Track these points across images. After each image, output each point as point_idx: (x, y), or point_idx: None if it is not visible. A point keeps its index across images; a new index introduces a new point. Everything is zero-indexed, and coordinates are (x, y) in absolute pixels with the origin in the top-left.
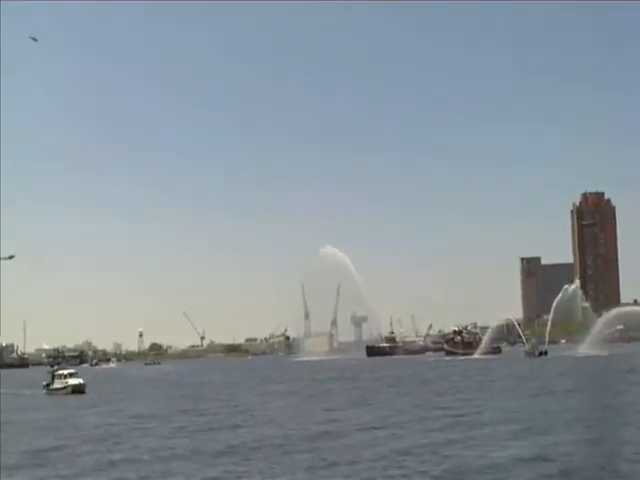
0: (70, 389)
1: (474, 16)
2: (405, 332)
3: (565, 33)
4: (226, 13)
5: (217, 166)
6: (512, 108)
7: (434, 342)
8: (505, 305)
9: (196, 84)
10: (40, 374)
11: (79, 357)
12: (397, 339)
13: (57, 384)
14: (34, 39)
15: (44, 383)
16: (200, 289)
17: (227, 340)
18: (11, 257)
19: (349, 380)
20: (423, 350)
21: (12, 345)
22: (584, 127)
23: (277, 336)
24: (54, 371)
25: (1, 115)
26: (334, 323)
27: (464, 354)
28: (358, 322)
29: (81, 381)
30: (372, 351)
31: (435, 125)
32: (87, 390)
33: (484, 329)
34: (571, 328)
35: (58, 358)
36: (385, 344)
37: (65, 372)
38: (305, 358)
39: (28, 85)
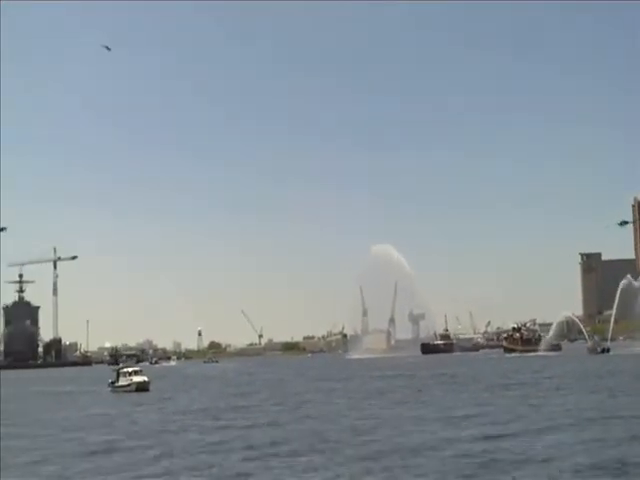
0: (134, 386)
1: (492, 16)
2: (463, 329)
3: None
4: (237, 9)
5: (264, 167)
6: (564, 104)
7: (488, 339)
8: (564, 302)
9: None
10: (101, 372)
11: (136, 356)
12: (452, 336)
13: (122, 381)
14: (107, 48)
15: (110, 381)
16: (258, 288)
17: (285, 338)
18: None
19: (404, 378)
20: (478, 347)
21: (75, 344)
22: None
23: (334, 334)
24: (119, 369)
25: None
26: (392, 321)
27: (523, 351)
28: (415, 320)
29: (145, 379)
30: (427, 349)
31: (488, 121)
32: (150, 387)
33: (543, 326)
34: (633, 325)
35: (116, 357)
36: (440, 342)
37: (130, 370)
38: (359, 356)
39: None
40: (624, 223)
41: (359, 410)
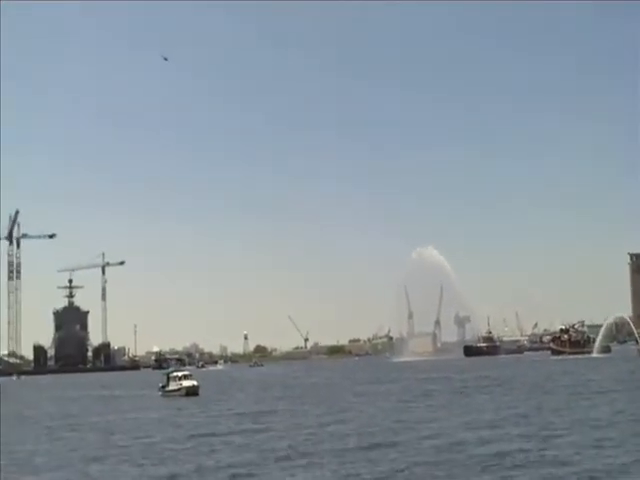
0: (184, 391)
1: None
2: (510, 331)
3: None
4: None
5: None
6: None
7: (532, 342)
8: (613, 303)
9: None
10: (148, 376)
11: (180, 360)
12: (495, 339)
13: (172, 386)
14: (165, 59)
15: (160, 385)
16: (304, 292)
17: (331, 342)
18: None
19: (446, 381)
20: (521, 350)
21: (124, 348)
22: None
23: (380, 337)
24: (169, 373)
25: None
26: (437, 323)
27: (571, 353)
28: (461, 322)
29: (195, 383)
30: (470, 351)
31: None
32: (200, 392)
33: (592, 327)
34: None
35: (160, 361)
36: (483, 344)
37: (180, 374)
38: (403, 359)
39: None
40: None
41: (401, 413)
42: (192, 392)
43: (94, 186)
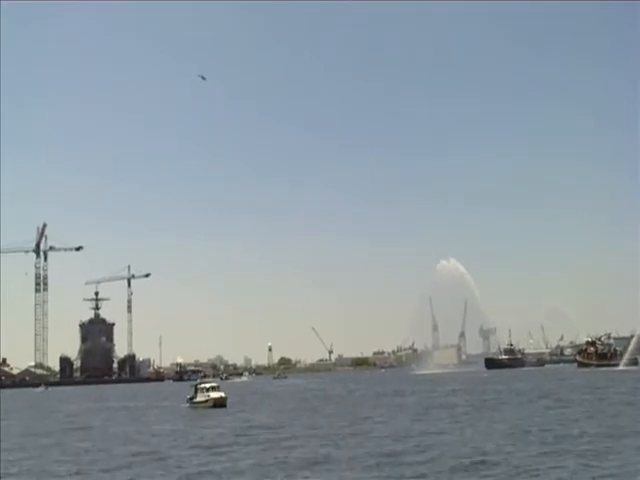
0: (212, 402)
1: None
2: (535, 343)
3: None
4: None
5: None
6: None
7: (552, 354)
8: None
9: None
10: (173, 387)
11: (201, 371)
12: (516, 351)
13: (200, 397)
14: (203, 78)
15: (188, 396)
16: (328, 304)
17: (355, 354)
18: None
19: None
20: (543, 362)
21: (149, 360)
22: None
23: (405, 349)
24: (196, 385)
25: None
26: (462, 335)
27: (598, 366)
28: (486, 334)
29: (222, 394)
30: (491, 364)
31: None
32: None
33: (618, 340)
34: None
35: (180, 373)
36: (504, 356)
37: (207, 386)
38: (423, 371)
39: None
40: None
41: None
42: (220, 404)
43: (120, 199)
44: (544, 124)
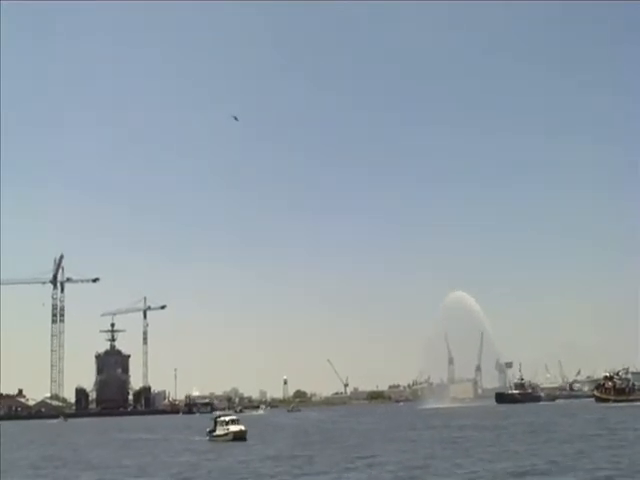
0: (231, 436)
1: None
2: (552, 378)
3: None
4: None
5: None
6: None
7: (561, 388)
8: None
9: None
10: (180, 419)
11: (210, 404)
12: (527, 385)
13: (219, 431)
14: (235, 118)
15: (207, 430)
16: (343, 337)
17: (370, 387)
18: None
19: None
20: (553, 397)
21: (164, 392)
22: None
23: (420, 383)
24: (216, 418)
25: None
26: (478, 369)
27: (616, 401)
28: (502, 368)
29: (242, 428)
30: (502, 398)
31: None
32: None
33: (636, 375)
34: None
35: (190, 405)
36: (515, 391)
37: (227, 419)
38: (432, 406)
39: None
40: None
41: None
42: (239, 437)
43: (137, 230)
44: (556, 154)
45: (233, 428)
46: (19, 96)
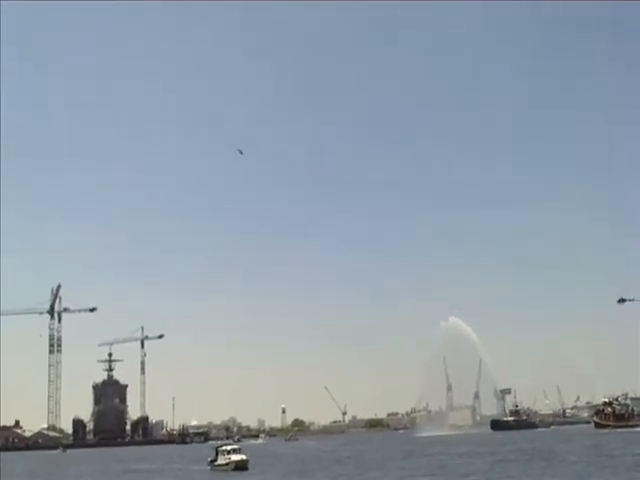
0: (233, 465)
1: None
2: (551, 404)
3: None
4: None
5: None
6: None
7: (555, 415)
8: None
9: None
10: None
11: (204, 434)
12: (521, 412)
13: (220, 460)
14: (240, 152)
15: (209, 459)
16: (341, 366)
17: (369, 415)
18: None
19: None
20: (548, 424)
21: (162, 421)
22: None
23: (418, 410)
24: (217, 447)
25: None
26: (476, 396)
27: (615, 427)
28: (501, 395)
29: (244, 457)
30: (497, 425)
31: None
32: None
33: (635, 400)
34: None
35: (183, 435)
36: (510, 418)
37: (228, 448)
38: (425, 434)
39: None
40: None
41: None
42: (241, 467)
43: (134, 260)
44: (546, 183)
45: (235, 457)
46: (16, 128)
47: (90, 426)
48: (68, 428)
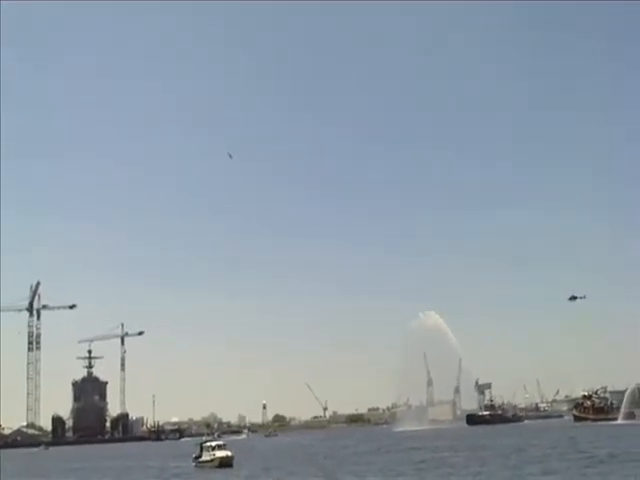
0: (217, 461)
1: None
2: (531, 398)
3: None
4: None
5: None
6: None
7: (528, 409)
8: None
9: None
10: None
11: (178, 431)
12: (497, 407)
13: (205, 456)
14: (230, 156)
15: (193, 455)
16: (322, 361)
17: (350, 410)
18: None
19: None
20: (522, 418)
21: (142, 418)
22: None
23: (399, 405)
24: (202, 443)
25: None
26: (457, 391)
27: (595, 420)
28: (481, 389)
29: (229, 453)
30: (472, 420)
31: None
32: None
33: (614, 394)
34: None
35: (158, 432)
36: (485, 412)
37: (213, 444)
38: (402, 429)
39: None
40: None
41: None
42: (226, 463)
43: (114, 256)
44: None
45: (219, 454)
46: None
47: (70, 423)
48: (47, 426)
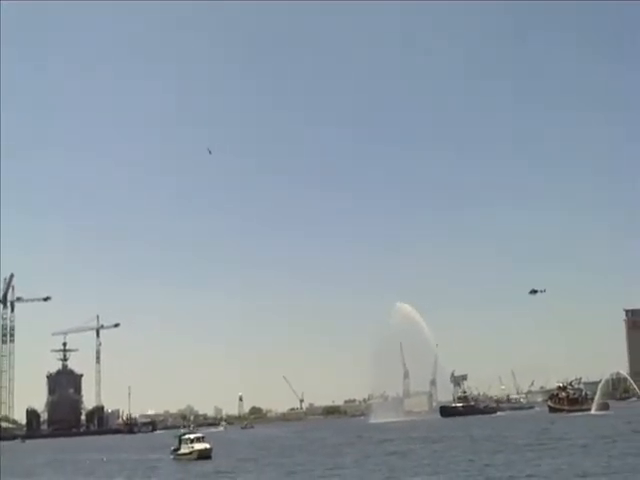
0: (196, 454)
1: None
2: (507, 389)
3: None
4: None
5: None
6: None
7: (499, 401)
8: (610, 359)
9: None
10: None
11: (152, 423)
12: (470, 398)
13: (184, 449)
14: (209, 152)
15: (172, 448)
16: (298, 353)
17: (327, 402)
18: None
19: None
20: (494, 410)
21: (117, 411)
22: None
23: (375, 397)
24: (180, 435)
25: None
26: (433, 383)
27: (570, 411)
28: (457, 381)
29: (207, 446)
30: (445, 411)
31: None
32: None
33: (588, 385)
34: None
35: (130, 425)
36: (458, 404)
37: (192, 437)
38: (376, 420)
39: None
40: None
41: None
42: (204, 455)
43: (89, 249)
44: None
45: (198, 446)
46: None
47: (44, 416)
48: (22, 419)
